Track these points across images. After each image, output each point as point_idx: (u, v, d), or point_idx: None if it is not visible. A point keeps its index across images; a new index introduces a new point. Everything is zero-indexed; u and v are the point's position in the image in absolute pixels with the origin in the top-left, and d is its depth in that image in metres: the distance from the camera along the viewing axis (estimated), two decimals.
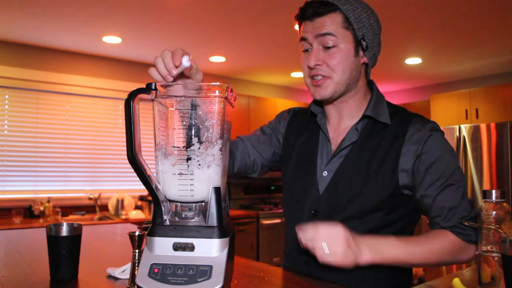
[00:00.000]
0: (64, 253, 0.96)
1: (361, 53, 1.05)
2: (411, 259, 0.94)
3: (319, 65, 1.01)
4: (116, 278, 0.98)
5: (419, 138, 1.00)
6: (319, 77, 1.02)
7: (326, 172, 1.06)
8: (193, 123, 0.78)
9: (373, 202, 0.99)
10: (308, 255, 0.95)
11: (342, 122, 1.10)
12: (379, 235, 0.96)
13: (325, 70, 1.01)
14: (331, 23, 1.00)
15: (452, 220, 0.99)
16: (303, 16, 1.03)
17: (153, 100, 0.78)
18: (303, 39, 1.04)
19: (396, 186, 0.99)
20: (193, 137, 0.78)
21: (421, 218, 1.14)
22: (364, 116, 1.06)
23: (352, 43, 1.02)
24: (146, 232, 0.80)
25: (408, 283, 1.09)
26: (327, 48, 1.01)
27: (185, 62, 0.85)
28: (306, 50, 1.05)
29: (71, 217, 3.68)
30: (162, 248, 0.76)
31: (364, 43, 1.03)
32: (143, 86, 0.77)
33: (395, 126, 1.03)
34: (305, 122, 1.19)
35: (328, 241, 0.85)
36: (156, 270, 0.73)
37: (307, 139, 1.15)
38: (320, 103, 1.15)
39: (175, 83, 0.84)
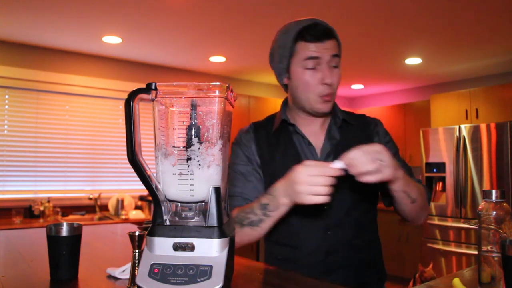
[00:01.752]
0: (64, 253, 0.96)
1: None
2: (413, 189, 1.08)
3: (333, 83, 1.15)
4: (116, 278, 0.98)
5: (378, 130, 1.27)
6: (327, 94, 1.14)
7: None
8: (193, 123, 0.78)
9: (361, 193, 1.17)
10: (330, 256, 1.14)
11: (320, 127, 1.24)
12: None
13: (334, 88, 1.15)
14: (334, 47, 1.13)
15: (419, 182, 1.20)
16: (316, 36, 1.11)
17: (153, 100, 0.78)
18: (315, 58, 1.12)
19: None
20: (193, 137, 0.78)
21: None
22: (341, 120, 1.23)
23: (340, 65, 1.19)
24: (146, 232, 0.80)
25: (382, 263, 1.27)
26: (334, 67, 1.14)
27: (338, 165, 0.93)
28: (311, 68, 1.13)
29: (71, 217, 3.68)
30: (162, 248, 0.76)
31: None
32: (143, 86, 0.77)
33: (357, 124, 1.25)
34: (271, 134, 1.25)
35: (380, 158, 0.94)
36: (156, 270, 0.73)
37: (286, 149, 1.21)
38: (285, 113, 1.26)
39: (175, 83, 0.84)
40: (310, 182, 0.91)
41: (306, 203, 0.92)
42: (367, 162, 0.91)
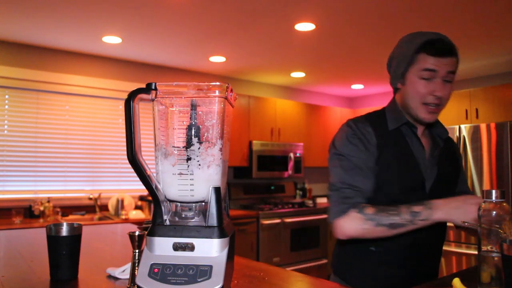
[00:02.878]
0: (64, 253, 0.96)
1: None
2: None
3: (442, 97, 1.22)
4: (116, 278, 0.98)
5: (455, 144, 1.45)
6: (435, 105, 1.22)
7: (431, 173, 1.28)
8: (193, 123, 0.78)
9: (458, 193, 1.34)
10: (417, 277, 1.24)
11: (424, 133, 1.34)
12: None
13: (442, 100, 1.23)
14: (454, 64, 1.22)
15: None
16: (441, 52, 1.20)
17: (153, 100, 0.78)
18: (432, 70, 1.20)
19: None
20: (193, 137, 0.78)
21: None
22: (444, 130, 1.37)
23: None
24: (146, 232, 0.80)
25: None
26: (447, 81, 1.21)
27: None
28: (426, 78, 1.22)
29: (71, 217, 3.68)
30: (162, 248, 0.76)
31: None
32: (143, 86, 0.77)
33: (447, 136, 1.38)
34: (387, 131, 1.30)
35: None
36: (156, 270, 0.73)
37: (401, 148, 1.28)
38: (399, 116, 1.33)
39: (175, 83, 0.84)
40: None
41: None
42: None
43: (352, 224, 1.14)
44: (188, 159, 0.78)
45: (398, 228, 1.13)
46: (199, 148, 0.78)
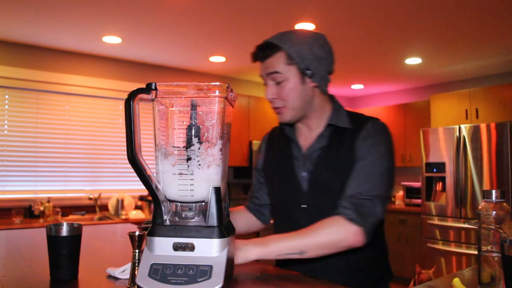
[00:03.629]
0: (64, 253, 0.96)
1: (308, 80, 1.20)
2: (295, 247, 1.05)
3: (274, 98, 1.20)
4: (116, 278, 0.98)
5: (365, 133, 1.20)
6: (278, 107, 1.22)
7: (304, 173, 1.25)
8: (193, 123, 0.78)
9: (343, 189, 1.18)
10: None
11: (311, 131, 1.28)
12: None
13: (279, 101, 1.20)
14: (277, 62, 1.17)
15: (342, 201, 1.12)
16: (256, 58, 1.21)
17: (153, 100, 0.78)
18: (261, 76, 1.23)
19: None
20: (193, 137, 0.78)
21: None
22: (328, 125, 1.25)
23: (297, 75, 1.18)
24: (146, 232, 0.80)
25: (387, 262, 1.29)
26: (278, 83, 1.19)
27: None
28: (265, 84, 1.23)
29: (71, 217, 3.68)
30: (162, 248, 0.76)
31: (309, 71, 1.19)
32: (143, 86, 0.77)
33: (354, 128, 1.22)
34: (276, 138, 1.39)
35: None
36: (156, 270, 0.73)
37: (282, 150, 1.33)
38: None
39: (175, 83, 0.84)
40: None
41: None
42: None
43: None
44: (188, 159, 0.78)
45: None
46: (199, 148, 0.78)
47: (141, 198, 4.01)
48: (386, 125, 1.23)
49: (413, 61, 4.18)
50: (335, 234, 1.06)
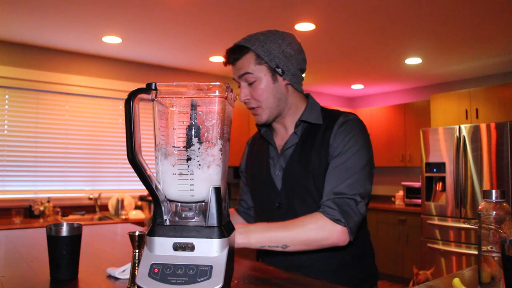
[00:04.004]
0: (64, 253, 0.96)
1: (280, 78, 1.21)
2: (278, 240, 1.07)
3: (248, 99, 1.22)
4: (116, 278, 0.98)
5: (337, 127, 1.19)
6: (253, 108, 1.23)
7: (278, 171, 1.26)
8: (193, 123, 0.78)
9: (318, 188, 1.18)
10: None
11: (288, 130, 1.29)
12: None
13: (253, 102, 1.22)
14: (247, 63, 1.19)
15: (324, 200, 1.11)
16: (228, 61, 1.24)
17: (153, 100, 0.78)
18: (234, 79, 1.26)
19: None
20: (193, 137, 0.78)
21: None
22: (300, 121, 1.24)
23: (268, 74, 1.20)
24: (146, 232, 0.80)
25: (371, 261, 1.29)
26: (250, 84, 1.20)
27: None
28: (239, 87, 1.26)
29: (71, 217, 3.68)
30: (162, 248, 0.76)
31: (279, 69, 1.19)
32: (143, 86, 0.77)
33: (326, 124, 1.22)
34: (257, 141, 1.42)
35: None
36: (156, 270, 0.73)
37: (260, 152, 1.36)
38: None
39: (175, 83, 0.84)
40: None
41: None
42: None
43: None
44: (188, 159, 0.78)
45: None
46: (199, 148, 0.78)
47: (141, 198, 4.01)
48: (359, 118, 1.22)
49: (413, 61, 4.18)
50: (320, 232, 1.06)
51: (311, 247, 1.08)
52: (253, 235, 1.07)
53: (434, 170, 4.23)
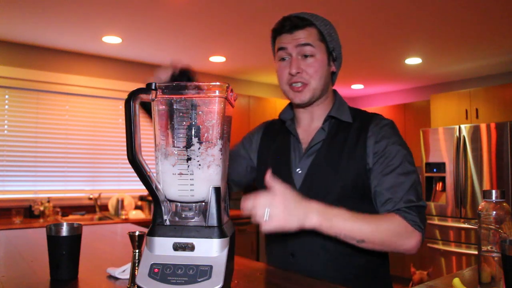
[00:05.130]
0: (64, 253, 0.96)
1: (331, 63, 1.19)
2: (357, 232, 0.97)
3: (299, 72, 1.14)
4: (116, 278, 0.98)
5: (377, 130, 1.13)
6: (299, 84, 1.15)
7: (299, 169, 1.17)
8: (193, 123, 0.78)
9: (345, 191, 1.10)
10: (293, 248, 1.11)
11: (312, 123, 1.23)
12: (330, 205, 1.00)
13: (305, 77, 1.14)
14: (309, 35, 1.14)
15: (399, 204, 1.04)
16: (283, 29, 1.16)
17: (153, 100, 0.78)
18: (282, 48, 1.16)
19: (363, 174, 1.10)
20: (193, 137, 0.78)
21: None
22: (329, 117, 1.19)
23: (326, 54, 1.16)
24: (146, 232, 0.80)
25: (387, 272, 1.21)
26: (305, 57, 1.14)
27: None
28: (283, 59, 1.17)
29: (71, 217, 3.68)
30: (162, 248, 0.76)
31: (334, 54, 1.18)
32: (143, 86, 0.77)
33: (358, 124, 1.16)
34: (276, 131, 1.32)
35: (269, 207, 0.90)
36: (156, 270, 0.73)
37: (280, 144, 1.26)
38: (291, 109, 1.29)
39: (176, 82, 0.84)
40: None
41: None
42: (258, 209, 0.91)
43: None
44: (188, 159, 0.78)
45: None
46: (199, 148, 0.78)
47: (141, 198, 4.01)
48: (392, 122, 1.18)
49: (413, 61, 4.18)
50: (402, 235, 1.01)
51: (385, 249, 1.02)
52: (336, 220, 0.95)
53: (434, 170, 4.23)
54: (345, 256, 1.09)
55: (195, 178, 0.77)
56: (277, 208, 0.90)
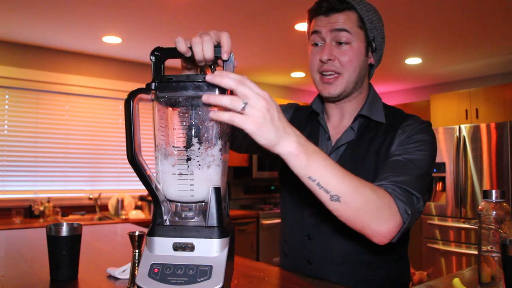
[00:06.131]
0: (64, 253, 0.96)
1: (370, 53, 1.07)
2: (334, 185, 0.77)
3: (331, 60, 1.01)
4: (116, 278, 0.98)
5: (409, 129, 1.01)
6: (330, 73, 1.03)
7: None
8: (193, 123, 0.78)
9: None
10: (310, 254, 1.01)
11: (342, 121, 1.11)
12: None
13: (337, 66, 1.02)
14: (347, 20, 1.01)
15: (395, 184, 0.88)
16: (319, 10, 1.04)
17: (153, 100, 0.78)
18: (316, 32, 1.04)
19: None
20: (193, 137, 0.78)
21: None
22: (359, 115, 1.07)
23: (364, 43, 1.04)
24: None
25: (406, 284, 1.09)
26: (340, 44, 1.01)
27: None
28: (316, 44, 1.05)
29: (71, 217, 3.68)
30: (162, 248, 0.76)
31: (374, 44, 1.05)
32: (143, 86, 0.77)
33: (389, 123, 1.05)
34: (305, 119, 1.19)
35: (248, 104, 0.70)
36: (156, 270, 0.73)
37: (308, 134, 1.12)
38: (322, 101, 1.15)
39: (176, 81, 0.84)
40: None
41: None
42: (235, 105, 0.69)
43: None
44: (188, 159, 0.78)
45: None
46: (199, 148, 0.78)
47: (141, 198, 4.01)
48: (430, 123, 1.04)
49: (413, 61, 4.18)
50: (379, 210, 0.82)
51: (354, 221, 0.81)
52: (316, 158, 0.75)
53: (434, 170, 4.23)
54: (366, 265, 1.00)
55: (195, 178, 0.77)
56: (258, 110, 0.70)
